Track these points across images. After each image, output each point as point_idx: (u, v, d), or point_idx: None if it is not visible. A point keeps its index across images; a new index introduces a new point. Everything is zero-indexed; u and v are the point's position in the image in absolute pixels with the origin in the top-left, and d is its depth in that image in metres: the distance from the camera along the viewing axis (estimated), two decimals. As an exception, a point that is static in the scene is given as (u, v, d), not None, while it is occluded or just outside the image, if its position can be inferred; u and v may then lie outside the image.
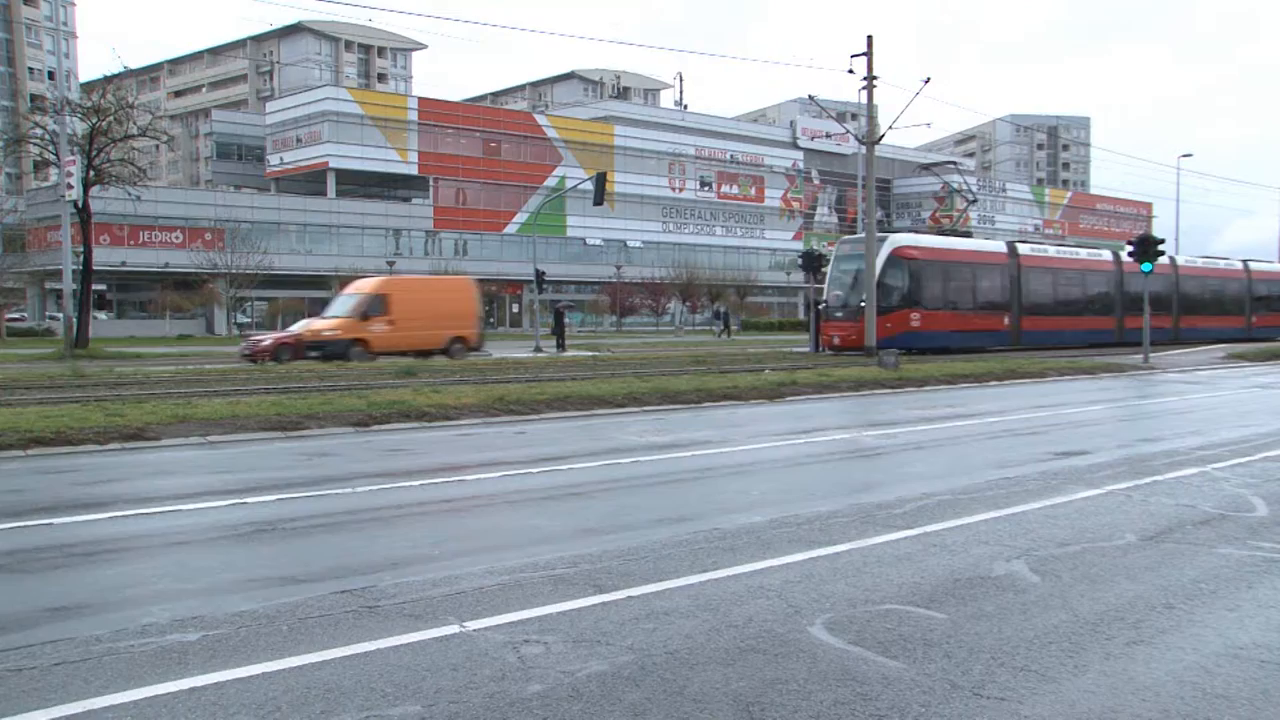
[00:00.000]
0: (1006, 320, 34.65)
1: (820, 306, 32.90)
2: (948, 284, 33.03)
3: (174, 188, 79.77)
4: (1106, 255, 40.32)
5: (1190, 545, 6.50)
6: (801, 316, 64.56)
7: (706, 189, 77.78)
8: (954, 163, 45.55)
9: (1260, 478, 9.07)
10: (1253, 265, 46.59)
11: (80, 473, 9.35)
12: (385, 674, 4.13)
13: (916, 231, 43.76)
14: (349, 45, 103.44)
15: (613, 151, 72.98)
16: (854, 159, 73.95)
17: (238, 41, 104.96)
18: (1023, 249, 36.70)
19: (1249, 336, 43.53)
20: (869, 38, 29.51)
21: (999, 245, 36.54)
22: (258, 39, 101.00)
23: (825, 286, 32.89)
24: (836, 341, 31.13)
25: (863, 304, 29.29)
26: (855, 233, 46.26)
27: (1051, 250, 39.60)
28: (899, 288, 31.35)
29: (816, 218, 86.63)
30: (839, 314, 31.64)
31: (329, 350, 25.46)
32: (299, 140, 67.74)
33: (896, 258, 31.38)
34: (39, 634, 4.63)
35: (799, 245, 68.86)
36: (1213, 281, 43.76)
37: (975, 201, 44.65)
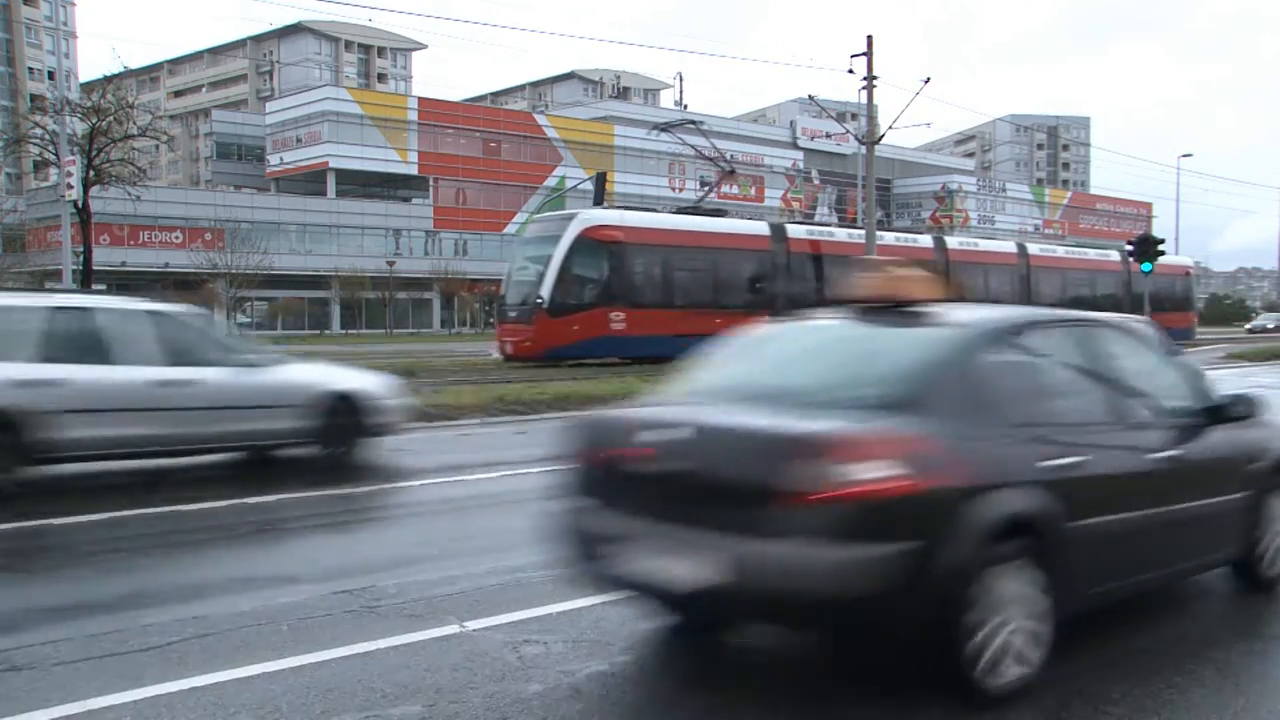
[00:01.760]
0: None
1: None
2: (672, 274, 26.31)
3: (174, 188, 79.77)
4: (925, 241, 33.66)
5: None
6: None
7: (706, 189, 77.89)
8: (693, 122, 35.85)
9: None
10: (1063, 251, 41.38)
11: (80, 472, 9.33)
12: (385, 674, 4.13)
13: (809, 223, 38.20)
14: (349, 45, 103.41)
15: (613, 151, 73.02)
16: (854, 159, 73.98)
17: (238, 41, 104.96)
18: (794, 231, 29.72)
19: None
20: (869, 38, 29.51)
21: (761, 226, 29.64)
22: (258, 39, 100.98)
23: (504, 280, 27.18)
24: (509, 349, 24.51)
25: (539, 302, 23.83)
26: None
27: (841, 234, 32.15)
28: (593, 279, 24.91)
29: (816, 217, 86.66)
30: (512, 314, 25.16)
31: None
32: (299, 140, 67.75)
33: (588, 241, 24.62)
34: (39, 634, 4.62)
35: (799, 245, 68.64)
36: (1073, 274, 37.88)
37: (732, 172, 37.76)
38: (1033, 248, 37.08)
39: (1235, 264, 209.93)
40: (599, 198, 31.66)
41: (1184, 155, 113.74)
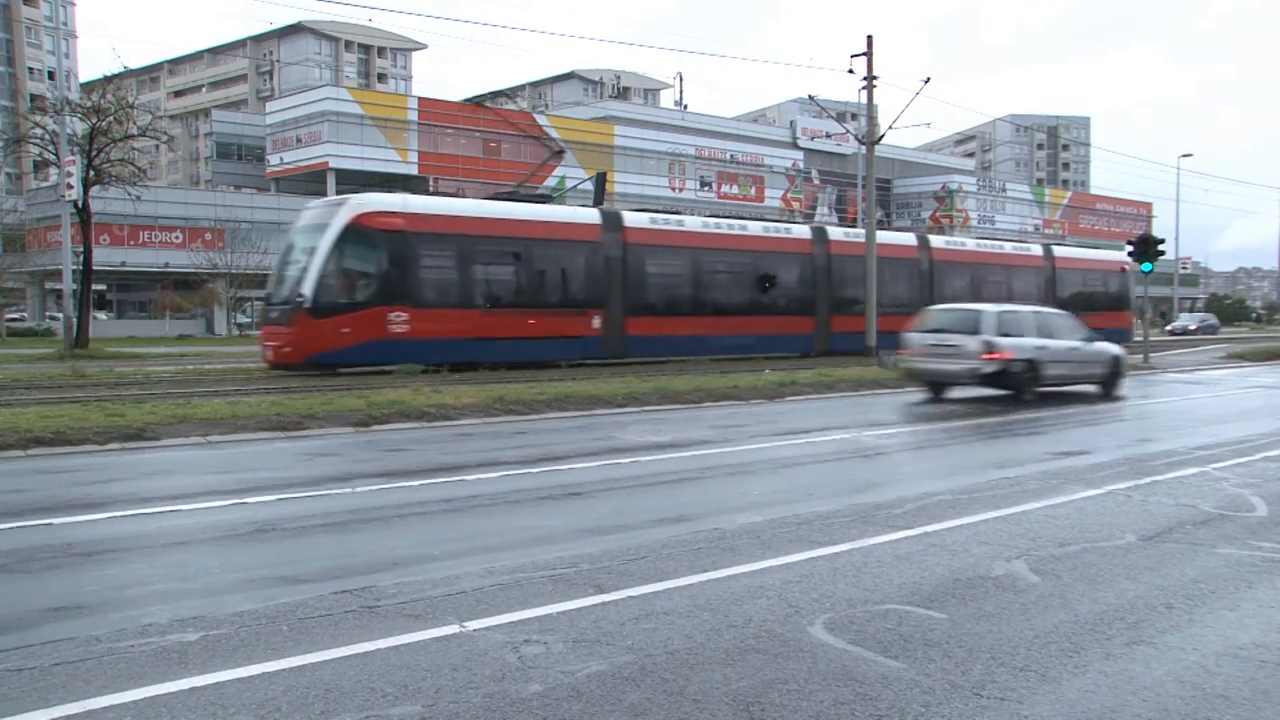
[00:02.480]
0: (598, 321, 24.31)
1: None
2: (471, 269, 22.90)
3: (174, 188, 79.75)
4: (801, 233, 30.31)
5: (1190, 545, 6.50)
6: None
7: (706, 189, 77.81)
8: (503, 93, 32.67)
9: (1260, 478, 9.08)
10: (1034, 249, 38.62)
11: (80, 473, 9.35)
12: (385, 674, 4.13)
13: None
14: (349, 45, 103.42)
15: (613, 151, 73.01)
16: (854, 159, 73.96)
17: (238, 41, 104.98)
18: (634, 220, 25.96)
19: None
20: (869, 38, 29.50)
21: (590, 215, 25.82)
22: (258, 39, 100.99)
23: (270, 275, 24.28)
24: (269, 355, 21.40)
25: (300, 301, 20.63)
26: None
27: (693, 223, 27.87)
28: (367, 274, 21.68)
29: (816, 217, 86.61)
30: (273, 315, 22.12)
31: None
32: (299, 140, 67.73)
33: (361, 230, 21.19)
34: (39, 634, 4.62)
35: (798, 245, 68.49)
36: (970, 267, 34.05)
37: (560, 153, 32.86)
38: (937, 240, 34.20)
39: (1235, 264, 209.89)
40: (599, 198, 31.56)
41: (1184, 155, 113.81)
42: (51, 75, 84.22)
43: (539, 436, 12.24)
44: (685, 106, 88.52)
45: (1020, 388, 16.29)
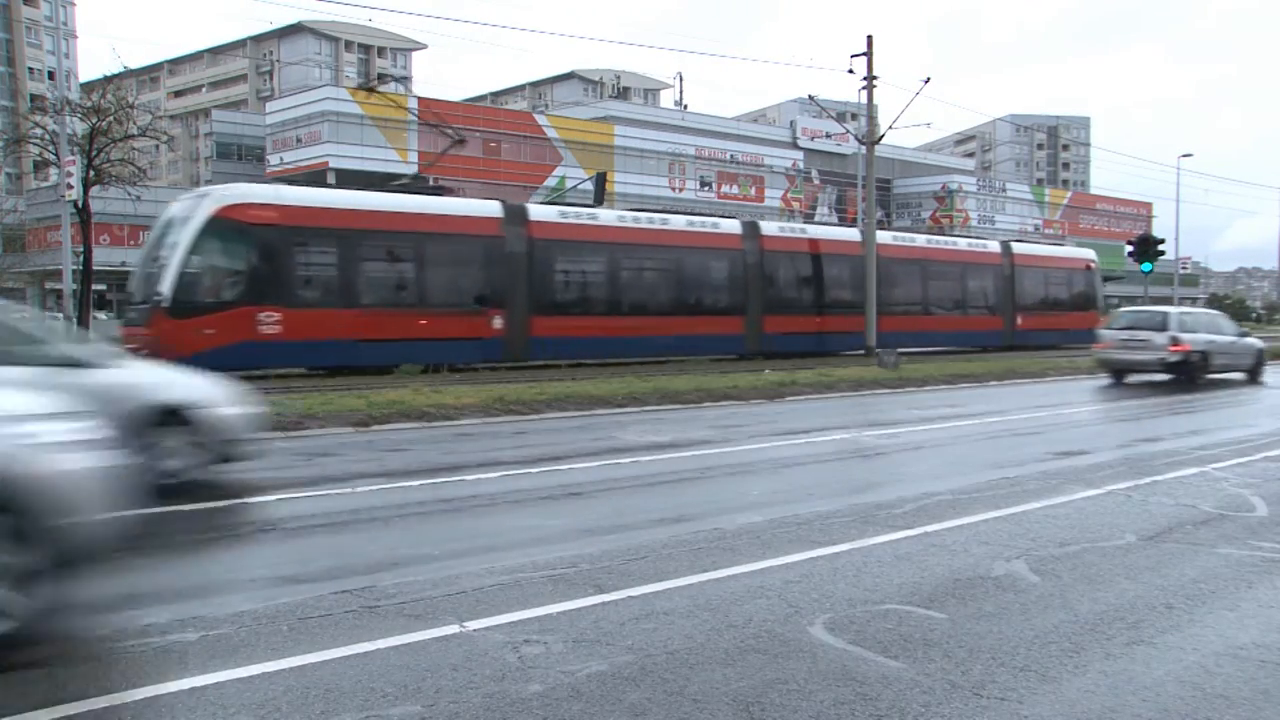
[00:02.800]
0: (499, 322, 22.60)
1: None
2: (355, 265, 21.31)
3: (174, 188, 79.62)
4: (730, 228, 27.79)
5: (1190, 545, 6.50)
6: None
7: (706, 189, 77.82)
8: (386, 77, 31.51)
9: (1260, 478, 9.07)
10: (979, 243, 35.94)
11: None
12: (385, 674, 4.13)
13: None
14: (349, 45, 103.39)
15: (613, 151, 73.01)
16: (854, 159, 73.95)
17: (238, 41, 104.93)
18: (538, 213, 24.31)
19: (1010, 344, 33.23)
20: (869, 38, 29.53)
21: (491, 208, 23.77)
22: (258, 39, 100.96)
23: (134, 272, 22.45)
24: None
25: (158, 300, 18.98)
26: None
27: (608, 218, 25.89)
28: (234, 272, 19.99)
29: (816, 217, 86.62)
30: (131, 315, 20.72)
31: None
32: (299, 140, 67.73)
33: (227, 224, 19.57)
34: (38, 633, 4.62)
35: (798, 245, 68.41)
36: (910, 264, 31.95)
37: (462, 141, 31.33)
38: (883, 236, 31.71)
39: (1235, 264, 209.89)
40: (599, 198, 31.55)
41: (1184, 155, 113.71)
42: (51, 75, 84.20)
43: (539, 436, 12.24)
44: (685, 106, 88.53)
45: (1194, 374, 19.94)
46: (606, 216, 25.89)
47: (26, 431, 4.40)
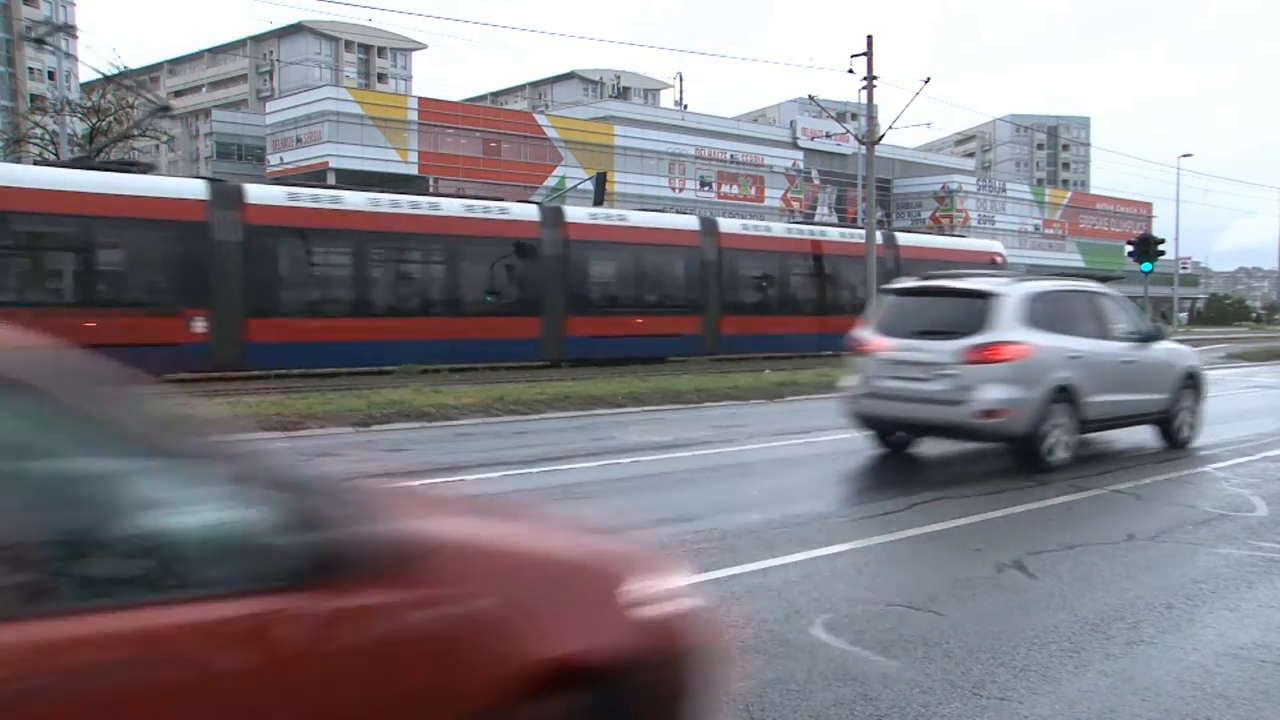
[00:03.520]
0: (201, 325, 19.05)
1: None
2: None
3: (174, 188, 79.66)
4: (524, 213, 24.11)
5: (1190, 545, 6.50)
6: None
7: (706, 189, 77.84)
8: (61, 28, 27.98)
9: (1260, 478, 9.07)
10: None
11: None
12: (385, 674, 4.12)
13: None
14: (349, 45, 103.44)
15: (613, 151, 73.04)
16: (854, 159, 73.98)
17: (238, 41, 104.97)
18: (257, 194, 20.51)
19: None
20: (869, 38, 29.52)
21: (180, 186, 20.44)
22: (258, 39, 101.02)
23: None
24: None
25: None
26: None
27: (357, 201, 21.73)
28: None
29: (816, 217, 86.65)
30: None
31: None
32: (299, 140, 67.76)
33: None
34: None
35: (798, 245, 68.33)
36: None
37: (166, 108, 28.23)
38: (728, 225, 28.44)
39: (1235, 264, 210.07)
40: (599, 198, 31.54)
41: (1184, 155, 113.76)
42: (51, 75, 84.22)
43: (539, 436, 12.24)
44: (685, 106, 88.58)
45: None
46: (355, 200, 21.80)
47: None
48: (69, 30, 27.46)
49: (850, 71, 30.29)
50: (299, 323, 20.22)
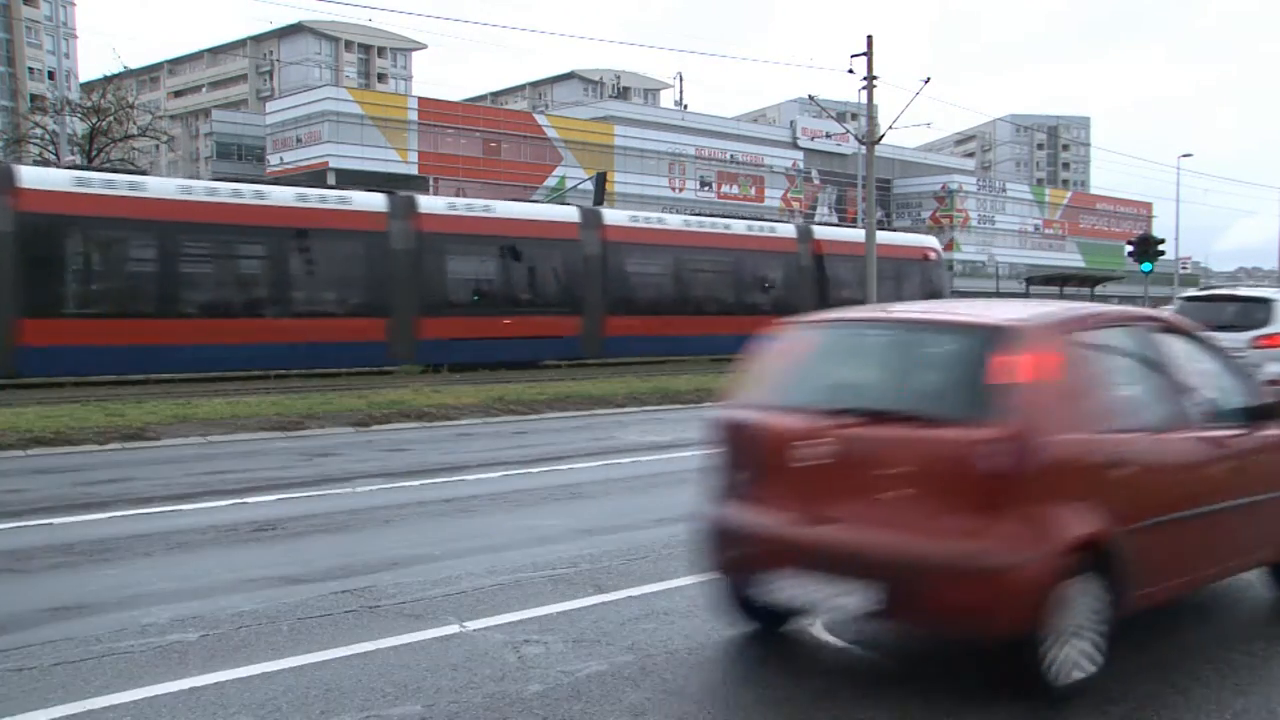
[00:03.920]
0: None
1: None
2: None
3: (174, 188, 79.59)
4: (366, 203, 21.26)
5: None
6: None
7: (706, 189, 77.84)
8: None
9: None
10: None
11: (80, 472, 9.35)
12: (385, 674, 4.13)
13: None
14: (349, 45, 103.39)
15: (613, 151, 73.02)
16: (854, 159, 73.97)
17: (238, 41, 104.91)
18: (33, 177, 18.24)
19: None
20: (869, 38, 29.50)
21: None
22: (258, 39, 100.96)
23: None
24: None
25: None
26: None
27: (162, 188, 19.58)
28: None
29: (816, 217, 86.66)
30: None
31: None
32: (299, 140, 67.74)
33: None
34: (39, 634, 4.63)
35: (798, 245, 68.30)
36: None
37: None
38: (615, 216, 25.62)
39: (1235, 264, 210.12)
40: (599, 198, 31.51)
41: (1184, 155, 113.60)
42: (51, 75, 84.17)
43: (539, 436, 12.24)
44: (685, 106, 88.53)
45: None
46: (159, 186, 19.47)
47: None
48: None
49: (850, 71, 30.27)
50: (92, 326, 17.95)
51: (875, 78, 29.55)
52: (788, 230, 28.11)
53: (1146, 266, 27.64)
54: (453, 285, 22.48)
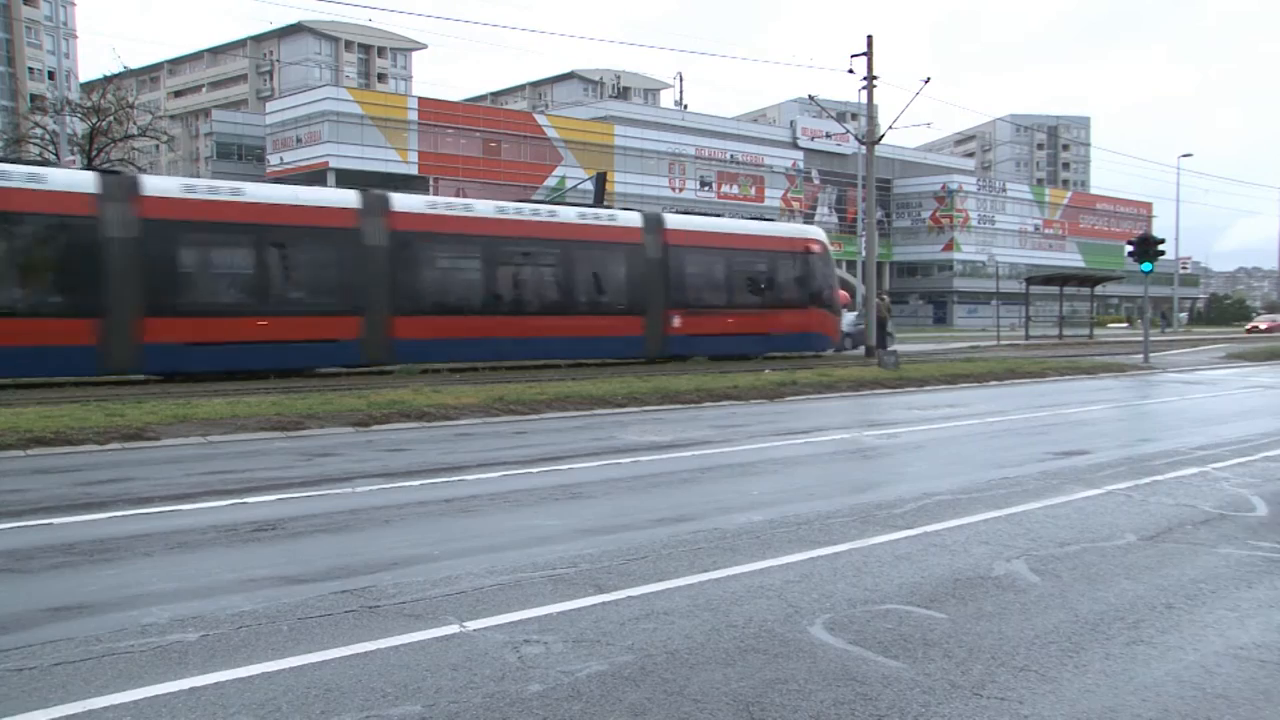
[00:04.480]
0: None
1: None
2: None
3: (174, 188, 79.55)
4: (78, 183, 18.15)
5: (1190, 545, 6.50)
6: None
7: (706, 189, 77.84)
8: None
9: (1261, 477, 9.07)
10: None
11: (81, 472, 9.35)
12: (385, 674, 4.13)
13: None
14: (349, 45, 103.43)
15: (613, 151, 73.02)
16: (854, 159, 73.97)
17: (238, 41, 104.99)
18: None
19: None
20: (869, 38, 29.53)
21: None
22: (258, 39, 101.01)
23: None
24: None
25: None
26: (854, 234, 40.52)
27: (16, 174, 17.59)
28: None
29: (816, 217, 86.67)
30: None
31: None
32: (299, 140, 67.74)
33: None
34: (39, 634, 4.63)
35: (798, 245, 68.27)
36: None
37: None
38: (408, 201, 22.27)
39: (1235, 264, 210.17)
40: (599, 198, 31.51)
41: (1184, 155, 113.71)
42: (51, 75, 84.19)
43: (539, 436, 12.24)
44: (685, 106, 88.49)
45: None
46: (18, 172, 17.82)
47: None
48: None
49: (850, 71, 30.31)
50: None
51: (875, 78, 29.56)
52: (631, 219, 24.59)
53: (1146, 267, 27.63)
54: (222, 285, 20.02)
